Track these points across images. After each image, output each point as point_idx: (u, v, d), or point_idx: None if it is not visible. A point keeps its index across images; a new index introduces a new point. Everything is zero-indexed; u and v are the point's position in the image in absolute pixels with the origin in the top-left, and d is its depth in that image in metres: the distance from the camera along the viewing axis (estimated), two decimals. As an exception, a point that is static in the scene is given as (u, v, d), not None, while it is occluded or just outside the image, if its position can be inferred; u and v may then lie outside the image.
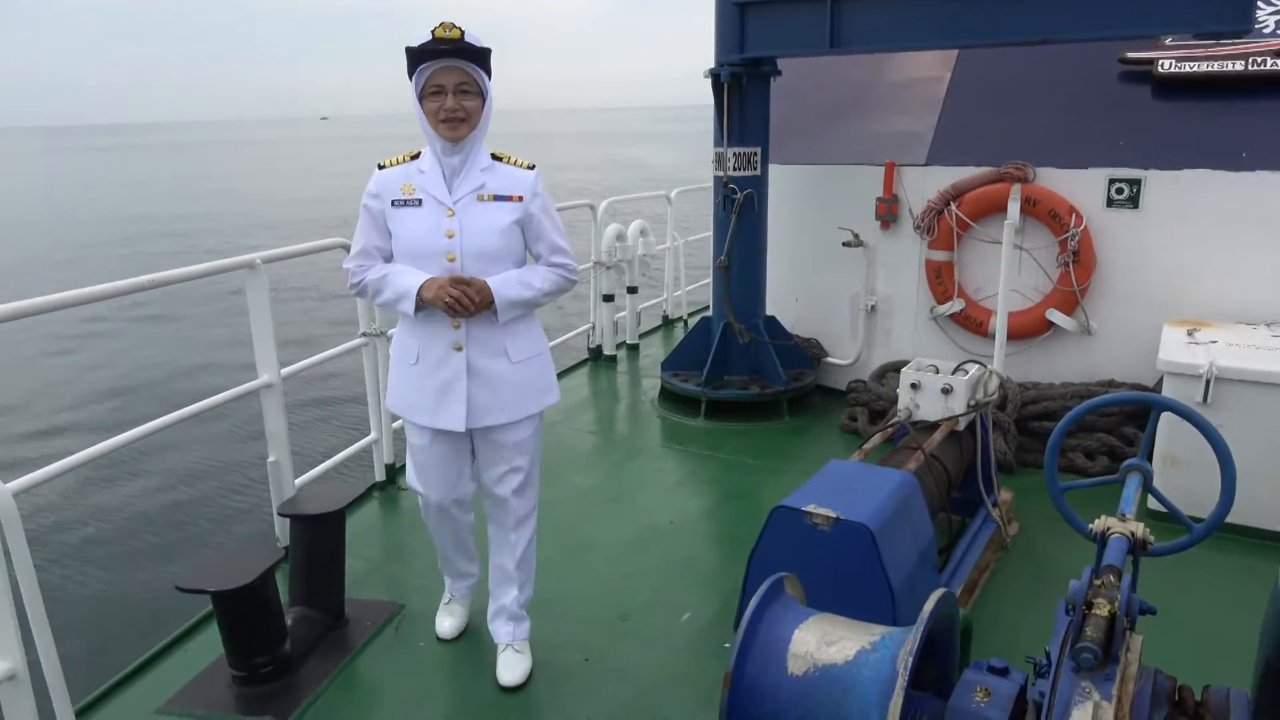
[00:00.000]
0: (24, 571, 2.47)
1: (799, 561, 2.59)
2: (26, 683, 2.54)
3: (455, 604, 3.27)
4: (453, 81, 2.56)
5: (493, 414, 2.77)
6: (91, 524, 7.33)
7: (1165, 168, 4.70)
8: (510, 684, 2.94)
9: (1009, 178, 5.02)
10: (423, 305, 2.63)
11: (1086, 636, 1.49)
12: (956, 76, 5.64)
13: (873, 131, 5.76)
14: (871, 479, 2.97)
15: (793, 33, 4.95)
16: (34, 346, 13.36)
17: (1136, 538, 1.80)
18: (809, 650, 1.82)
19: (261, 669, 2.91)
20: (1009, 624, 3.26)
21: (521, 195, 2.70)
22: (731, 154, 5.34)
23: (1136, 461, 2.20)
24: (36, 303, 2.67)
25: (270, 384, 3.69)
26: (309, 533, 3.20)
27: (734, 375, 5.67)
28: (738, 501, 4.47)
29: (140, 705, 2.89)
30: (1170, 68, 4.91)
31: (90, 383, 11.74)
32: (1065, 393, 4.81)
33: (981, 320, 5.25)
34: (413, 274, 2.64)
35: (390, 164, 2.74)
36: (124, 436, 3.02)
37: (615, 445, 5.27)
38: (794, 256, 5.94)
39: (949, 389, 3.65)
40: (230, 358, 11.88)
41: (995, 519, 3.81)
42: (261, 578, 2.78)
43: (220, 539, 6.96)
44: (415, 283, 2.61)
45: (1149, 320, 4.71)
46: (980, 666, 1.73)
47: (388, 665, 3.08)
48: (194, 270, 3.36)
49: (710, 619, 3.34)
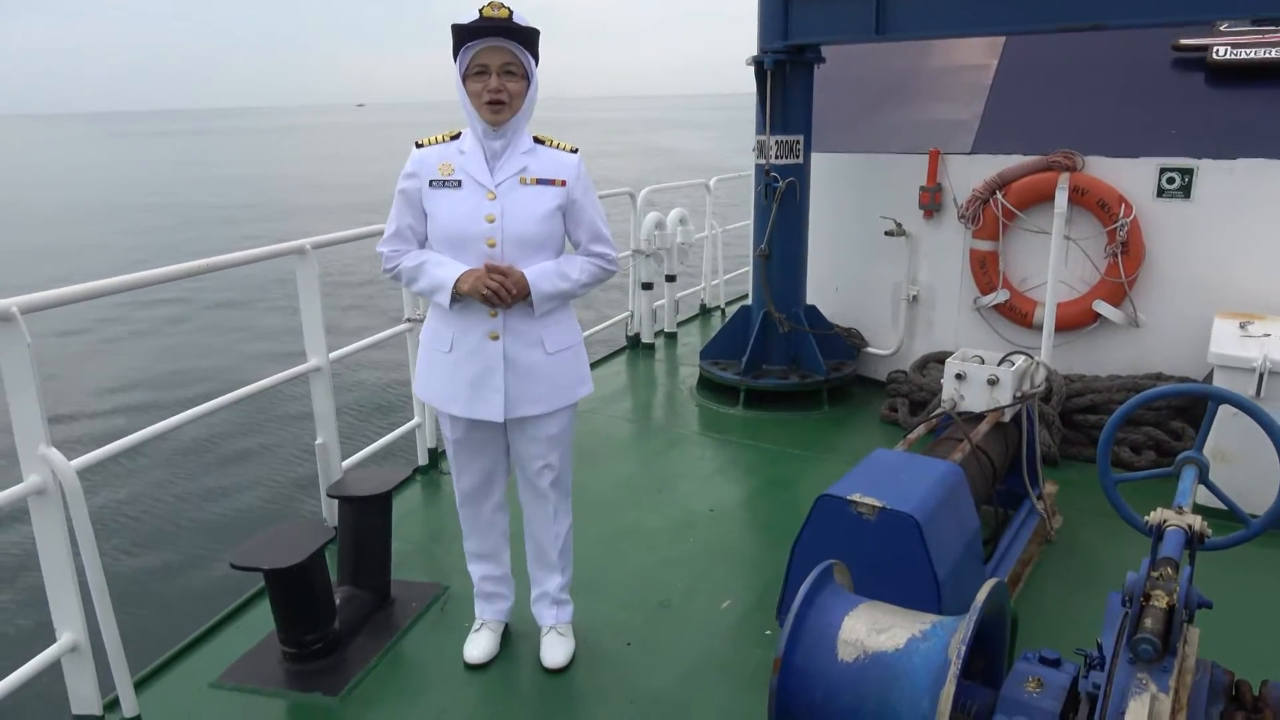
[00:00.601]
0: (87, 546, 2.55)
1: (843, 551, 2.59)
2: (88, 654, 2.63)
3: (486, 630, 3.09)
4: (498, 62, 2.50)
5: (527, 405, 2.71)
6: (148, 501, 7.52)
7: (1219, 157, 4.60)
8: (554, 666, 2.97)
9: (1057, 166, 4.94)
10: (458, 299, 2.58)
11: (1145, 628, 1.48)
12: (1004, 63, 5.56)
13: (917, 120, 5.70)
14: (917, 469, 2.95)
15: (838, 20, 4.91)
16: (94, 328, 13.70)
17: (1194, 530, 1.78)
18: (859, 637, 1.82)
19: (311, 646, 2.97)
20: (1053, 617, 3.24)
21: (565, 180, 2.64)
22: (774, 142, 5.31)
23: (1193, 454, 2.17)
24: (96, 285, 2.74)
25: (319, 368, 3.75)
26: (357, 514, 3.25)
27: (773, 364, 5.66)
28: (777, 490, 4.48)
29: (195, 679, 2.96)
30: (1225, 55, 4.80)
31: (147, 364, 12.01)
32: (1111, 385, 4.74)
33: (1026, 311, 5.19)
34: (450, 265, 2.59)
35: (429, 143, 2.67)
36: (181, 417, 3.08)
37: (654, 433, 5.29)
38: (835, 245, 5.90)
39: (995, 380, 3.61)
40: (276, 345, 12.11)
41: (1040, 511, 3.78)
42: (312, 557, 2.84)
43: (270, 518, 7.10)
44: (451, 275, 2.56)
45: (1199, 312, 4.63)
46: (1031, 657, 1.72)
47: (433, 645, 3.13)
48: (246, 255, 3.41)
49: (751, 606, 3.35)
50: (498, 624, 3.14)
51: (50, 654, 2.57)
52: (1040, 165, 5.01)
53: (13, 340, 2.42)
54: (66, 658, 2.62)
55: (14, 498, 2.44)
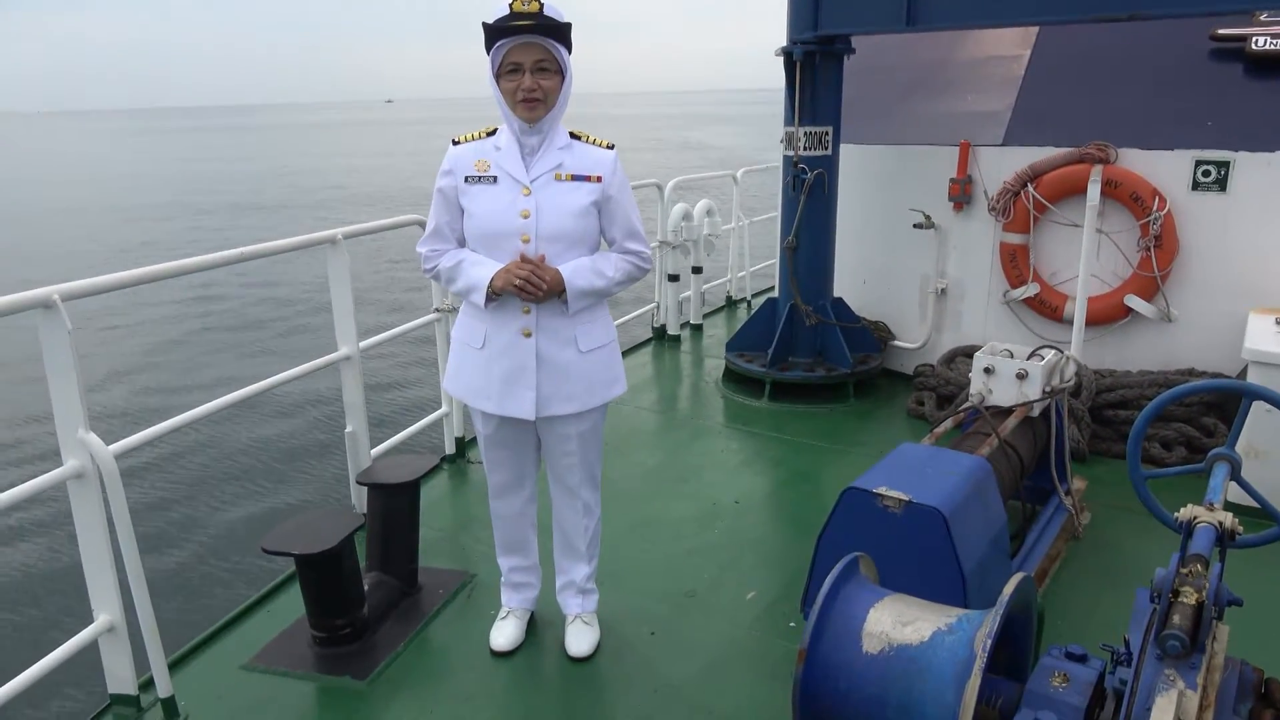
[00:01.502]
0: (123, 529, 2.60)
1: (869, 543, 2.59)
2: (124, 635, 2.69)
3: (512, 618, 3.11)
4: (531, 59, 2.47)
5: (559, 403, 2.70)
6: (183, 485, 7.67)
7: (1257, 150, 4.52)
8: (579, 654, 2.99)
9: (1090, 159, 4.88)
10: (494, 298, 2.57)
11: (1173, 624, 1.47)
12: (1037, 54, 5.50)
13: (947, 111, 5.65)
14: (944, 463, 2.94)
15: (868, 11, 4.87)
16: (134, 314, 13.95)
17: (1225, 527, 1.76)
18: (884, 630, 1.83)
19: (341, 630, 3.02)
20: (1079, 613, 3.22)
21: (601, 176, 2.62)
22: (802, 133, 5.29)
23: (1225, 450, 2.15)
24: (134, 274, 2.79)
25: (349, 356, 3.79)
26: (386, 502, 3.29)
27: (799, 357, 5.65)
28: (802, 483, 4.47)
29: (227, 661, 3.02)
30: (1264, 45, 4.71)
31: (183, 350, 12.21)
32: (1143, 381, 4.69)
33: (1056, 305, 5.14)
34: (486, 265, 2.57)
35: (465, 139, 2.67)
36: (215, 403, 3.13)
37: (679, 424, 5.30)
38: (863, 238, 5.87)
39: (1024, 374, 3.59)
40: (307, 334, 12.27)
41: (1068, 507, 3.75)
42: (342, 543, 2.88)
43: (299, 504, 7.20)
44: (487, 274, 2.55)
45: (1233, 308, 4.56)
46: (1058, 652, 1.72)
47: (460, 632, 3.17)
48: (279, 245, 3.46)
49: (775, 597, 3.36)
50: (524, 612, 3.16)
51: (87, 634, 2.63)
52: (1073, 157, 4.96)
53: (54, 326, 2.47)
54: (103, 638, 2.68)
55: (54, 481, 2.50)
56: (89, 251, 20.32)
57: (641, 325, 7.18)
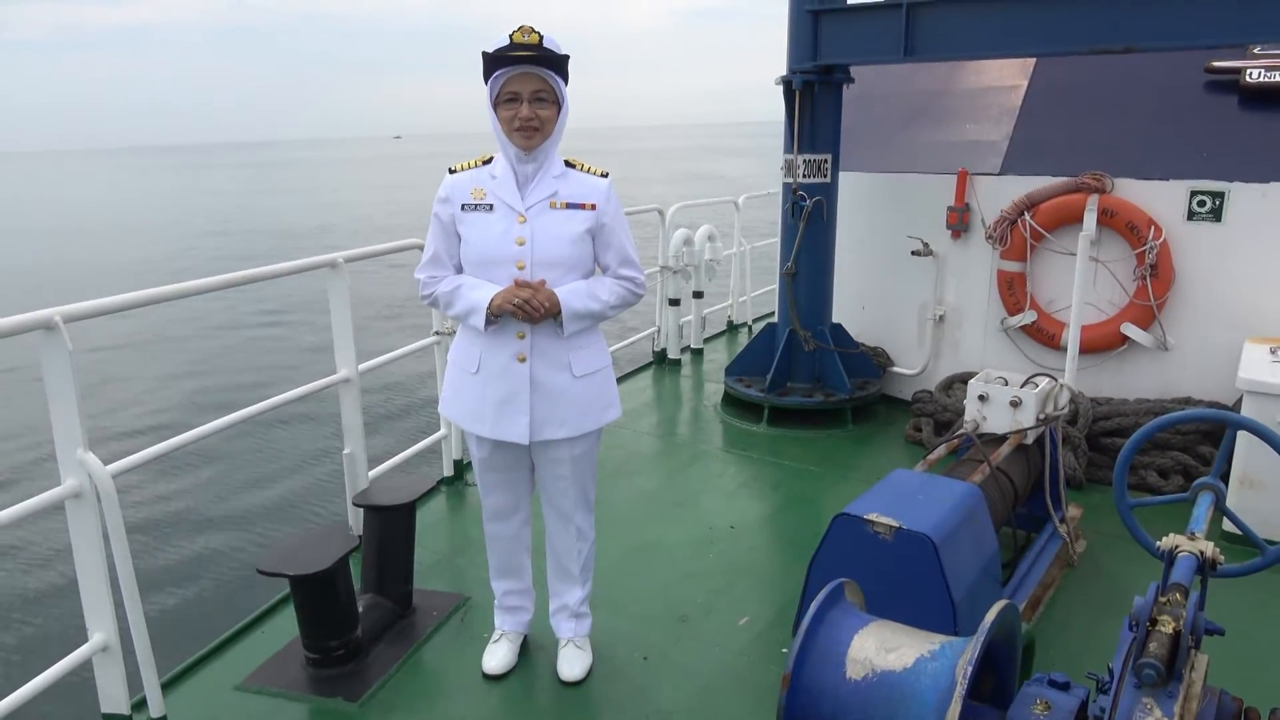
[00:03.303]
0: (120, 549, 2.62)
1: (860, 570, 2.61)
2: (118, 654, 2.70)
3: (505, 641, 3.12)
4: (529, 89, 2.51)
5: (553, 428, 2.72)
6: (179, 506, 7.69)
7: (1251, 180, 4.56)
8: (571, 679, 3.00)
9: (1086, 188, 4.93)
10: (493, 320, 2.60)
11: (1149, 653, 1.49)
12: (1034, 84, 5.55)
13: (945, 140, 5.71)
14: (935, 490, 2.96)
15: (867, 41, 4.93)
16: (139, 336, 14.03)
17: (1205, 557, 1.78)
18: (868, 656, 1.84)
19: (334, 652, 3.03)
20: (1074, 641, 3.22)
21: (595, 204, 2.66)
22: (801, 161, 5.34)
23: (1209, 480, 2.16)
24: (136, 296, 2.84)
25: (348, 379, 3.82)
26: (381, 523, 3.31)
27: (798, 382, 5.67)
28: (799, 508, 4.48)
29: (220, 681, 3.03)
30: (1259, 77, 4.76)
31: (183, 372, 12.27)
32: (1139, 409, 4.70)
33: (1054, 333, 5.16)
34: (484, 288, 2.60)
35: (461, 168, 2.71)
36: (214, 424, 3.16)
37: (678, 449, 5.32)
38: (862, 264, 5.91)
39: (1018, 402, 3.61)
40: (307, 356, 12.31)
41: (1062, 535, 3.76)
42: (336, 565, 2.90)
43: (296, 525, 7.21)
44: (485, 297, 2.57)
45: (1229, 337, 4.58)
46: (1041, 680, 1.73)
47: (453, 655, 3.18)
48: (280, 268, 3.50)
49: (769, 623, 3.36)
50: (517, 635, 3.17)
51: (82, 653, 2.65)
52: (1069, 187, 5.00)
53: (55, 347, 2.50)
54: (97, 657, 2.69)
55: (52, 500, 2.53)
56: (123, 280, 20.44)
57: (642, 349, 7.21)
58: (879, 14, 4.84)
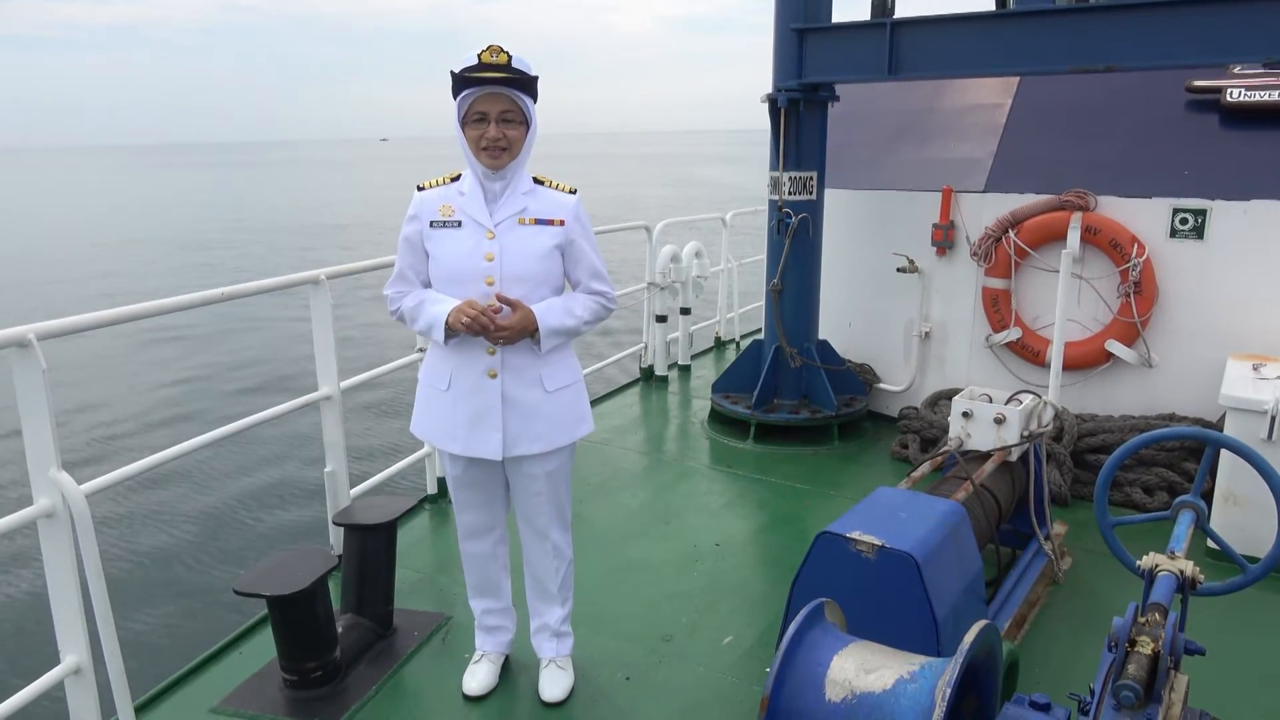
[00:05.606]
0: (93, 570, 2.58)
1: (843, 588, 2.59)
2: (91, 677, 2.65)
3: (486, 662, 3.09)
4: (496, 109, 2.52)
5: (526, 443, 2.71)
6: (155, 525, 7.59)
7: (1232, 198, 4.59)
8: (552, 700, 2.96)
9: (1069, 206, 4.95)
10: (453, 334, 2.59)
11: (1128, 674, 1.47)
12: (1018, 103, 5.59)
13: (930, 157, 5.73)
14: (919, 508, 2.94)
15: (851, 59, 4.96)
16: (114, 352, 13.91)
17: (1185, 576, 1.77)
18: (847, 677, 1.82)
19: (312, 674, 2.98)
20: (1059, 660, 3.20)
21: (563, 220, 2.67)
22: (787, 178, 5.35)
23: (1190, 499, 2.16)
24: (111, 314, 2.81)
25: (330, 396, 3.80)
26: (362, 542, 3.28)
27: (784, 399, 5.66)
28: (785, 526, 4.46)
29: (196, 704, 2.98)
30: (1239, 96, 4.80)
31: (160, 389, 12.16)
32: (1124, 426, 4.71)
33: (1039, 350, 5.17)
34: (444, 303, 2.60)
35: (430, 185, 2.71)
36: (191, 442, 3.13)
37: (664, 466, 5.30)
38: (848, 281, 5.92)
39: (1002, 419, 3.60)
40: (290, 370, 12.23)
41: (1047, 552, 3.75)
42: (315, 584, 2.86)
43: (277, 545, 7.14)
44: (444, 312, 2.57)
45: (1212, 354, 4.60)
46: (1022, 701, 1.71)
47: (433, 675, 3.14)
48: (262, 285, 3.48)
49: (753, 642, 3.33)
50: (498, 656, 3.13)
51: (53, 675, 2.60)
52: (1053, 204, 5.02)
53: (29, 366, 2.47)
54: (70, 680, 2.64)
55: (24, 520, 2.49)
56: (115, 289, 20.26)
57: (629, 366, 7.20)
58: (863, 32, 4.87)
